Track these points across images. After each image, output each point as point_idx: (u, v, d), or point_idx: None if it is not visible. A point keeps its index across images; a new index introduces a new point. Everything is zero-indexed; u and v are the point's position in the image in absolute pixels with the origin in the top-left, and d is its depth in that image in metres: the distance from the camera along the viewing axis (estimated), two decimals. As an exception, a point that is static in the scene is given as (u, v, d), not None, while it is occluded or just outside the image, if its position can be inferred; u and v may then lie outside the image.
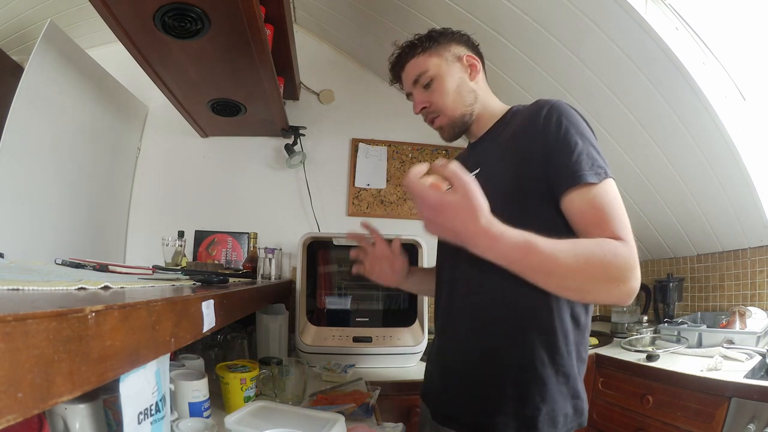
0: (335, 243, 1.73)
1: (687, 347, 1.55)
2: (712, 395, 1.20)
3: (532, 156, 0.78)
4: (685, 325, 1.69)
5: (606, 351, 1.67)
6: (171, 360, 0.93)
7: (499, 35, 1.66)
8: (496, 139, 0.90)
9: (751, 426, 1.06)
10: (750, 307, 1.58)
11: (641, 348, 1.62)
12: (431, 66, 0.92)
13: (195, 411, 0.91)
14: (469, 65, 0.93)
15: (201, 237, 2.13)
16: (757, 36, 1.45)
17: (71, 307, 0.30)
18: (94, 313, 0.32)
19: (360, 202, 2.31)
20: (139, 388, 0.51)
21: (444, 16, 1.68)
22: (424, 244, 1.71)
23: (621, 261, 0.67)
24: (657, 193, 1.87)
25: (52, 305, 0.30)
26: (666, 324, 1.79)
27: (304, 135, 2.24)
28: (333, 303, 1.77)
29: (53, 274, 0.70)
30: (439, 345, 0.97)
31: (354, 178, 2.31)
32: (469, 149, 1.00)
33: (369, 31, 2.10)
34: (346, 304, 1.78)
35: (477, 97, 0.93)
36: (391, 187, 2.33)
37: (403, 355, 1.62)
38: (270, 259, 1.70)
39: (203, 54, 1.42)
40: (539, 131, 0.78)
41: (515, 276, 0.69)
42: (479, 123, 0.95)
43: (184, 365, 1.02)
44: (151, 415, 0.54)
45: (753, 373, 1.24)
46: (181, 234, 1.73)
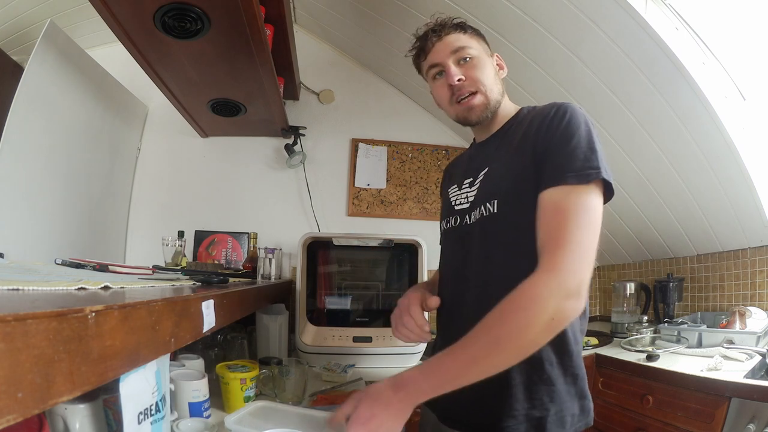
0: (335, 243, 1.72)
1: (687, 347, 1.55)
2: (712, 395, 1.19)
3: (535, 153, 0.79)
4: (685, 325, 1.69)
5: (606, 351, 1.67)
6: (171, 360, 0.93)
7: (499, 35, 1.65)
8: (505, 141, 0.89)
9: (751, 426, 1.06)
10: (750, 307, 1.58)
11: (641, 348, 1.62)
12: (476, 45, 0.93)
13: (195, 411, 0.91)
14: (497, 64, 0.97)
15: (201, 237, 2.13)
16: (757, 36, 1.45)
17: (71, 307, 0.30)
18: (94, 313, 0.32)
19: (360, 202, 2.31)
20: (139, 388, 0.51)
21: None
22: (424, 244, 1.71)
23: (540, 304, 0.64)
24: (657, 193, 1.87)
25: (52, 305, 0.30)
26: (666, 324, 1.79)
27: (304, 135, 2.25)
28: (333, 303, 1.77)
29: (53, 274, 0.70)
30: (442, 345, 0.96)
31: (354, 178, 2.31)
32: (476, 148, 0.99)
33: (369, 31, 2.10)
34: (346, 304, 1.78)
35: (503, 93, 0.95)
36: (391, 187, 2.33)
37: (403, 355, 1.62)
38: (270, 259, 1.70)
39: (203, 54, 1.42)
40: (544, 128, 0.79)
41: (526, 271, 0.68)
42: (493, 120, 0.94)
43: (184, 365, 1.02)
44: (151, 415, 0.54)
45: (753, 373, 1.24)
46: (181, 234, 1.73)
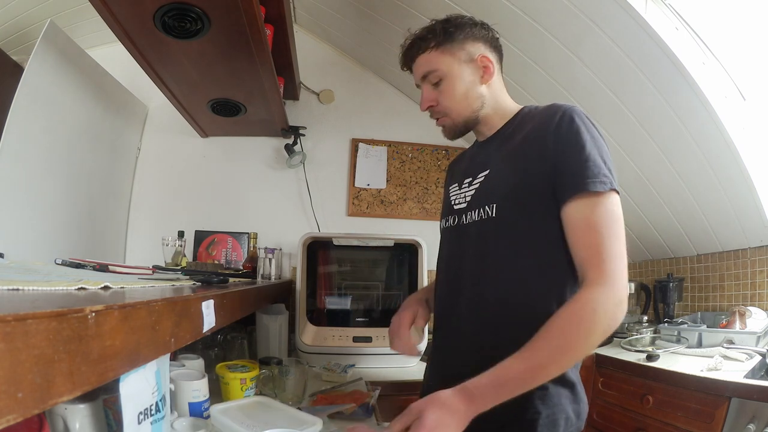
0: (335, 243, 1.72)
1: (687, 347, 1.55)
2: (712, 395, 1.19)
3: (541, 159, 0.78)
4: (685, 325, 1.69)
5: (606, 351, 1.67)
6: (171, 360, 0.93)
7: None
8: (506, 141, 0.89)
9: (751, 426, 1.06)
10: (750, 307, 1.58)
11: (641, 348, 1.62)
12: (442, 65, 0.88)
13: (195, 411, 0.91)
14: (483, 67, 0.89)
15: (201, 237, 2.13)
16: (757, 36, 1.45)
17: (71, 307, 0.30)
18: (94, 313, 0.32)
19: (360, 202, 2.31)
20: (139, 388, 0.51)
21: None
22: (424, 244, 1.71)
23: (599, 315, 0.67)
24: (657, 193, 1.87)
25: (52, 305, 0.30)
26: (666, 324, 1.79)
27: (304, 135, 2.24)
28: (333, 303, 1.77)
29: (53, 274, 0.70)
30: (438, 345, 0.96)
31: (354, 178, 2.31)
32: (478, 147, 0.98)
33: (369, 31, 2.10)
34: (346, 304, 1.78)
35: (484, 103, 0.90)
36: (391, 187, 2.33)
37: (403, 356, 1.62)
38: (270, 259, 1.70)
39: (203, 54, 1.42)
40: (551, 134, 0.78)
41: (523, 275, 0.68)
42: (489, 123, 0.93)
43: (184, 365, 1.02)
44: (151, 415, 0.54)
45: (753, 373, 1.24)
46: (181, 234, 1.73)
